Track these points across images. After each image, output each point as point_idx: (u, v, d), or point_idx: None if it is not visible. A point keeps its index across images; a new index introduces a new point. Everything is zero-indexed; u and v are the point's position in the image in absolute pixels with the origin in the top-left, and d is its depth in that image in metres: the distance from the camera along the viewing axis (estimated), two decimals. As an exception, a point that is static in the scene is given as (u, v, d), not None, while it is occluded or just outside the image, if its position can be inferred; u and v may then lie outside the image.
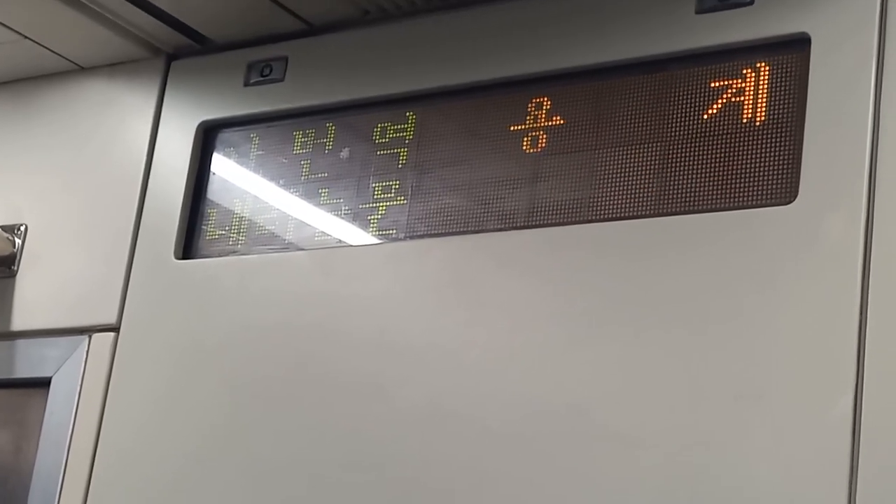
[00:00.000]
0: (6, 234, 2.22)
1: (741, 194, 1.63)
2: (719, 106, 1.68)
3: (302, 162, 2.02)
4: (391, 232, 1.90)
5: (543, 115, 1.82)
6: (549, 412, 1.65)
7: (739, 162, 1.64)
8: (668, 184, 1.69)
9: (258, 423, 1.87)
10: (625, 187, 1.72)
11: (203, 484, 1.89)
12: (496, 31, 1.88)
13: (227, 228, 2.05)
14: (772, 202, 1.60)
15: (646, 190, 1.70)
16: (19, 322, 2.18)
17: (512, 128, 1.84)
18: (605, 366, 1.63)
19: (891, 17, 1.59)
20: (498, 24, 1.88)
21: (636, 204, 1.70)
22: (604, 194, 1.73)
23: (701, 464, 1.53)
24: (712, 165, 1.66)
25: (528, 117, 1.83)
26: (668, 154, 1.70)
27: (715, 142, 1.67)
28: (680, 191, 1.68)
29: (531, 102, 1.83)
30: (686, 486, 1.53)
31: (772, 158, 1.62)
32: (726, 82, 1.69)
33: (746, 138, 1.65)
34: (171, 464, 1.93)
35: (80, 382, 2.05)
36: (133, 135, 2.17)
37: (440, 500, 1.69)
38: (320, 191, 1.98)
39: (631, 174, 1.72)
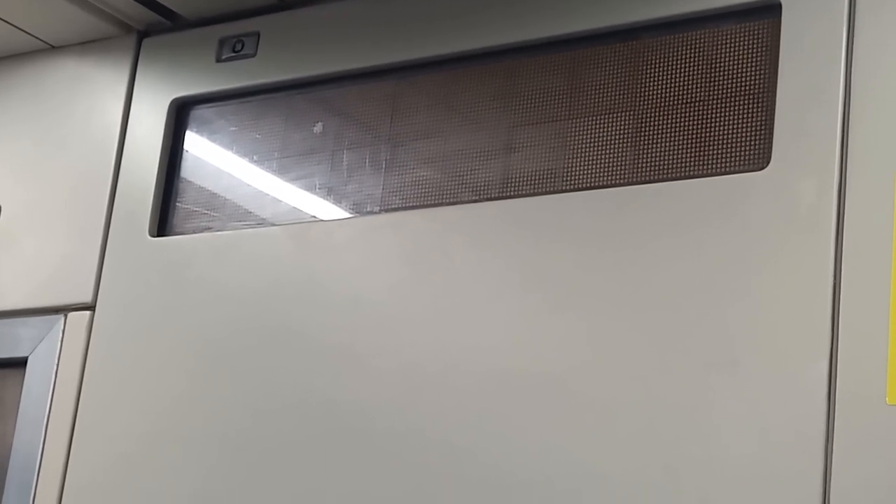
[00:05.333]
0: (-21, 216, 2.22)
1: (714, 161, 1.63)
2: (692, 73, 1.68)
3: (275, 137, 2.01)
4: (365, 205, 1.90)
5: (516, 86, 1.81)
6: (522, 382, 1.65)
7: (712, 129, 1.64)
8: (641, 152, 1.69)
9: (235, 398, 1.87)
10: (598, 156, 1.72)
11: (182, 459, 1.89)
12: (469, 2, 1.88)
13: (201, 205, 2.05)
14: (744, 169, 1.60)
15: (619, 159, 1.70)
16: (-6, 302, 2.18)
17: (485, 99, 1.84)
18: (578, 335, 1.63)
19: (861, -18, 1.59)
20: (470, -4, 1.88)
21: (609, 173, 1.70)
22: (577, 164, 1.73)
23: (674, 432, 1.54)
24: (685, 133, 1.66)
25: (501, 88, 1.83)
26: (641, 122, 1.70)
27: (687, 109, 1.67)
28: (653, 159, 1.68)
29: (504, 73, 1.83)
30: (659, 454, 1.54)
31: (744, 125, 1.62)
32: (698, 50, 1.69)
33: (719, 105, 1.65)
34: (148, 440, 1.93)
35: (56, 362, 2.05)
36: (105, 113, 2.16)
37: (414, 467, 1.70)
38: (294, 165, 1.98)
39: (604, 143, 1.72)
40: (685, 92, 1.68)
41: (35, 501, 1.99)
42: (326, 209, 1.95)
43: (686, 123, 1.66)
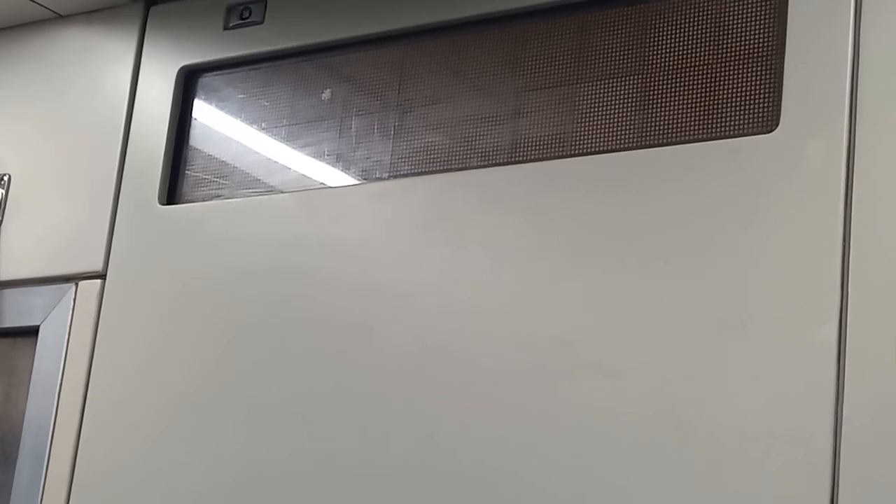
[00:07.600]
0: (-10, 185, 2.22)
1: (723, 124, 1.63)
2: (700, 36, 1.68)
3: (283, 104, 2.01)
4: (374, 172, 1.90)
5: (524, 51, 1.81)
6: (532, 346, 1.65)
7: (720, 92, 1.64)
8: (649, 116, 1.69)
9: (245, 365, 1.88)
10: (606, 120, 1.71)
11: (192, 427, 1.90)
12: (475, -32, 1.88)
13: (210, 173, 2.05)
14: (753, 131, 1.60)
15: (628, 122, 1.70)
16: (5, 272, 2.18)
17: (493, 64, 1.84)
18: (588, 298, 1.64)
19: (869, -56, 1.58)
20: (477, -39, 1.88)
21: (618, 137, 1.70)
22: (585, 128, 1.73)
23: (685, 393, 1.54)
24: (693, 96, 1.66)
25: (509, 53, 1.82)
26: (650, 86, 1.70)
27: (696, 72, 1.67)
28: (661, 122, 1.68)
29: (512, 38, 1.83)
30: (670, 416, 1.54)
31: (753, 87, 1.62)
32: (707, 12, 1.68)
33: (727, 68, 1.64)
34: (160, 407, 1.94)
35: (67, 330, 2.06)
36: (114, 81, 2.16)
37: (427, 435, 1.70)
38: (302, 132, 1.98)
39: (612, 107, 1.72)
40: (693, 55, 1.67)
41: (48, 468, 2.00)
42: (335, 176, 1.95)
43: (695, 86, 1.66)
